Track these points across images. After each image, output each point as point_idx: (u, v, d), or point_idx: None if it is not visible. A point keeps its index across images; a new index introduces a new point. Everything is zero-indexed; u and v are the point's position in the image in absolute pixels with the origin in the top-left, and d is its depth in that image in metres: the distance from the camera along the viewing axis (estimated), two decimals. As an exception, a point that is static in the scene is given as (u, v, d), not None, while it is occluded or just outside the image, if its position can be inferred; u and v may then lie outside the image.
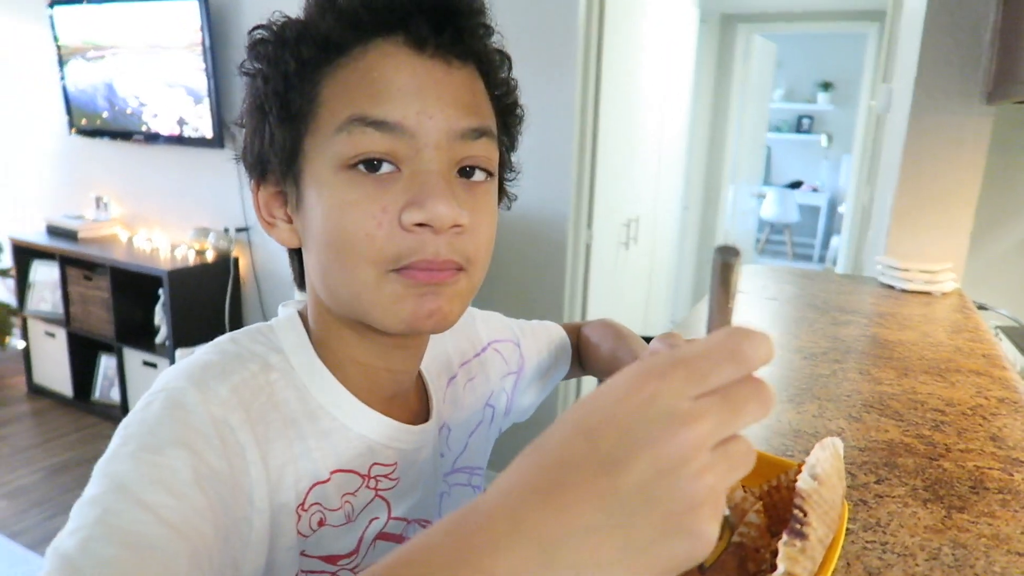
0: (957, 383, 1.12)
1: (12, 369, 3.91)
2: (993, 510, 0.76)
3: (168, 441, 0.49)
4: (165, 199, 3.45)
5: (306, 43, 0.55)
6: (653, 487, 0.29)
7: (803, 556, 0.52)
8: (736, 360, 0.32)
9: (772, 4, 4.58)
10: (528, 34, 2.46)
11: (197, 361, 0.57)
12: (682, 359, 0.31)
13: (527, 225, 2.64)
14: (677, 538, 0.30)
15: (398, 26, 0.55)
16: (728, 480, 0.31)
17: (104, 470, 0.49)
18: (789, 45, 7.17)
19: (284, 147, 0.57)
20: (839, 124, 7.28)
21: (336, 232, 0.54)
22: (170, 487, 0.47)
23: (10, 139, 3.98)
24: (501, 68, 0.63)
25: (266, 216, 0.62)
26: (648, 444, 0.30)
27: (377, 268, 0.54)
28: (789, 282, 1.82)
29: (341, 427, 0.61)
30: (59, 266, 3.34)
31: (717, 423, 0.31)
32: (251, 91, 0.59)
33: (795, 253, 7.61)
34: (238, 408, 0.54)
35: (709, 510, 0.30)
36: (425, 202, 0.53)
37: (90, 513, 0.45)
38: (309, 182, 0.56)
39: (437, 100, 0.55)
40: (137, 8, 3.10)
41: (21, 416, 3.46)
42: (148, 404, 0.53)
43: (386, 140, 0.54)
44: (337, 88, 0.55)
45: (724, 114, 4.92)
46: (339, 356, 0.62)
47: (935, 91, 1.75)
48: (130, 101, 3.28)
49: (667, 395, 0.30)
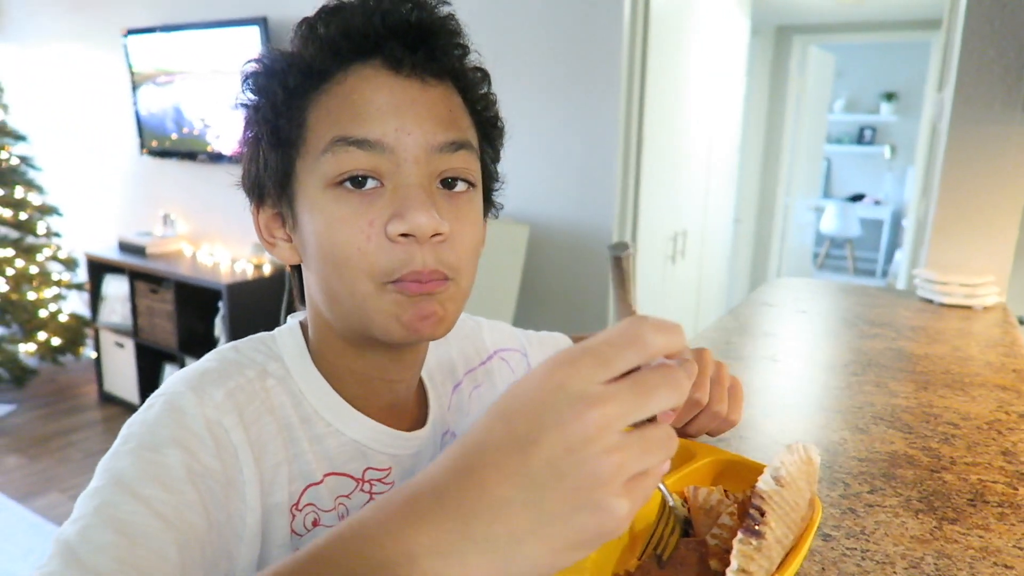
0: (978, 397, 1.10)
1: (85, 378, 4.14)
2: (988, 523, 0.75)
3: (165, 441, 0.54)
4: (227, 216, 3.61)
5: (292, 72, 0.59)
6: (561, 463, 0.32)
7: (759, 555, 0.54)
8: (637, 345, 0.34)
9: (830, 15, 4.51)
10: (572, 48, 2.50)
11: (198, 368, 0.61)
12: (589, 347, 0.34)
13: (570, 238, 2.67)
14: (585, 512, 0.32)
15: (375, 50, 0.59)
16: (642, 462, 0.33)
17: (106, 465, 0.53)
18: (851, 55, 7.01)
19: (277, 171, 0.61)
20: (903, 135, 7.06)
21: (330, 248, 0.58)
22: (164, 482, 0.52)
23: (87, 160, 4.23)
24: (480, 84, 0.66)
25: (267, 237, 0.66)
26: (557, 424, 0.32)
27: (374, 281, 0.58)
28: (823, 295, 1.80)
29: (335, 432, 0.64)
30: (128, 280, 3.53)
31: (625, 405, 0.33)
32: (246, 120, 0.63)
33: (856, 268, 7.39)
34: (232, 411, 0.58)
35: (616, 487, 0.32)
36: (406, 213, 0.56)
37: (90, 504, 0.50)
38: (302, 202, 0.60)
39: (414, 117, 0.58)
40: (203, 35, 3.28)
41: (93, 422, 3.65)
42: (149, 407, 0.57)
43: (368, 157, 0.57)
44: (321, 112, 0.59)
45: (779, 126, 4.85)
46: (336, 367, 0.66)
47: (976, 100, 1.72)
48: (196, 123, 3.46)
49: (576, 380, 0.33)
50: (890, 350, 1.33)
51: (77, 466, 3.19)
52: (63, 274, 4.12)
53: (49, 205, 4.02)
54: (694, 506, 0.65)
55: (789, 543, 0.58)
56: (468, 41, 0.64)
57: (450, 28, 0.62)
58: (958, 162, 1.76)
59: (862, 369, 1.22)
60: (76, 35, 4.03)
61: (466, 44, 0.64)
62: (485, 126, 0.67)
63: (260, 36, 3.04)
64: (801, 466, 0.59)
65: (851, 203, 7.24)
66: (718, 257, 4.04)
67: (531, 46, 2.57)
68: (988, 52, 1.70)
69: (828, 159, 7.41)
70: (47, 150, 4.28)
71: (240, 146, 0.65)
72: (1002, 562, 0.68)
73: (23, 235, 3.94)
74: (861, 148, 7.41)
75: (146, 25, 3.52)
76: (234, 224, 3.58)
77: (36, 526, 2.72)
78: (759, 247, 5.12)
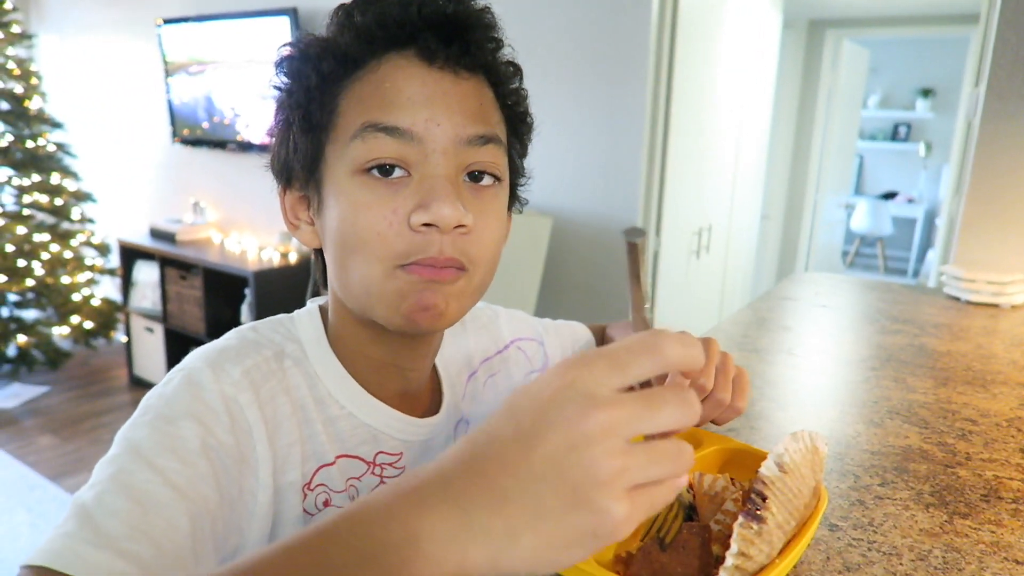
0: (999, 395, 1.08)
1: (116, 362, 4.22)
2: (1001, 519, 0.74)
3: (181, 413, 0.55)
4: (255, 204, 3.66)
5: (326, 58, 0.60)
6: (562, 459, 0.32)
7: (759, 539, 0.54)
8: (654, 354, 0.34)
9: (864, 9, 4.43)
10: (600, 40, 2.49)
11: (217, 346, 0.63)
12: (605, 352, 0.35)
13: (593, 230, 2.66)
14: (582, 512, 0.32)
15: (409, 41, 0.59)
16: (648, 472, 0.33)
17: (124, 435, 0.55)
18: (886, 50, 6.87)
19: (306, 154, 0.62)
20: (939, 132, 6.91)
21: (350, 231, 0.59)
22: (179, 454, 0.53)
23: (121, 149, 4.31)
24: (511, 79, 0.66)
25: (291, 219, 0.67)
26: (562, 421, 0.33)
27: (384, 264, 0.58)
28: (847, 291, 1.78)
29: (347, 415, 0.65)
30: (159, 266, 3.60)
31: (632, 414, 0.33)
32: (278, 103, 0.64)
33: (887, 267, 7.27)
34: (248, 389, 0.59)
35: (616, 491, 0.32)
36: (431, 204, 0.57)
37: (106, 471, 0.52)
38: (329, 186, 0.61)
39: (445, 108, 0.59)
40: (234, 25, 3.32)
41: (123, 405, 3.73)
42: (168, 381, 0.59)
43: (397, 145, 0.58)
44: (353, 99, 0.60)
45: (809, 122, 4.78)
46: (352, 351, 0.67)
47: (1009, 95, 1.68)
48: (226, 112, 3.51)
49: (588, 381, 0.33)
50: (911, 346, 1.31)
51: (107, 447, 3.18)
52: (96, 259, 4.20)
53: (84, 191, 4.11)
54: (699, 492, 0.65)
55: (791, 529, 0.58)
56: (503, 35, 0.64)
57: (485, 22, 0.62)
58: (989, 157, 1.72)
59: (881, 364, 1.20)
60: (112, 26, 4.10)
61: (500, 38, 0.64)
62: (514, 121, 0.67)
63: (290, 26, 3.07)
64: (806, 454, 0.59)
65: (883, 201, 7.11)
66: (744, 253, 4.00)
67: (558, 39, 2.56)
68: (1020, 46, 1.66)
69: (861, 156, 7.28)
70: (83, 138, 4.37)
71: (271, 129, 0.66)
72: (1013, 557, 0.67)
73: (58, 220, 4.03)
74: (895, 145, 7.28)
75: (180, 15, 3.57)
76: (262, 212, 3.63)
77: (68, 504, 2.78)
78: (787, 244, 5.06)
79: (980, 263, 1.73)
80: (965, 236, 1.77)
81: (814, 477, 0.61)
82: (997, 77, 1.69)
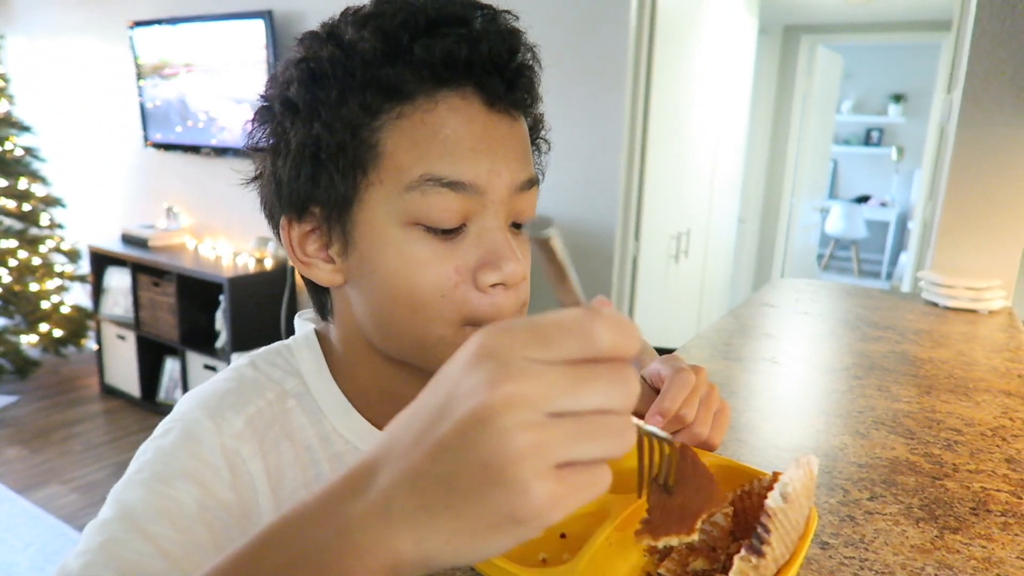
0: (983, 403, 1.08)
1: (87, 370, 4.14)
2: (991, 533, 0.74)
3: (178, 473, 0.52)
4: (230, 209, 3.60)
5: (371, 89, 0.53)
6: (471, 434, 0.29)
7: (755, 573, 0.52)
8: (583, 337, 0.31)
9: (838, 15, 4.48)
10: (578, 45, 2.48)
11: (215, 390, 0.59)
12: (532, 322, 0.31)
13: (573, 237, 2.65)
14: (497, 489, 0.29)
15: (470, 80, 0.55)
16: (575, 449, 0.30)
17: (117, 495, 0.52)
18: (859, 56, 6.97)
19: (341, 195, 0.56)
20: (911, 137, 7.02)
21: (407, 289, 0.55)
22: (174, 519, 0.50)
23: (92, 153, 4.23)
24: (538, 107, 0.64)
25: (299, 255, 0.61)
26: (472, 391, 0.30)
27: (453, 326, 0.56)
28: (826, 297, 1.78)
29: (354, 450, 0.62)
30: (131, 273, 3.53)
31: (552, 389, 0.30)
32: (299, 130, 0.56)
33: (862, 270, 7.36)
34: (251, 439, 0.56)
35: (533, 468, 0.29)
36: (500, 263, 0.55)
37: (97, 538, 0.49)
38: (365, 231, 0.56)
39: (504, 157, 0.56)
40: (208, 28, 3.27)
41: (94, 415, 3.65)
42: (165, 432, 0.56)
43: (460, 201, 0.54)
44: (403, 140, 0.54)
45: (785, 126, 4.83)
46: (366, 385, 0.64)
47: (985, 101, 1.69)
48: (200, 116, 3.46)
49: (504, 351, 0.30)
50: (893, 353, 1.31)
51: (78, 458, 3.19)
52: (66, 266, 4.12)
53: (53, 196, 4.02)
54: None
55: (783, 562, 0.56)
56: (539, 63, 0.61)
57: (533, 55, 0.60)
58: (965, 164, 1.73)
59: (864, 372, 1.20)
60: (83, 27, 4.02)
61: (538, 70, 0.61)
62: (534, 148, 0.65)
63: (265, 29, 3.03)
64: (806, 481, 0.58)
65: (857, 204, 7.21)
66: (722, 257, 4.03)
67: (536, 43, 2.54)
68: (998, 53, 1.68)
69: (835, 160, 7.37)
70: (52, 141, 4.28)
71: (265, 143, 0.59)
72: (1005, 574, 0.67)
73: (27, 226, 3.94)
74: (868, 149, 7.38)
75: (152, 17, 3.51)
76: (237, 218, 3.58)
77: (36, 518, 2.72)
78: (763, 247, 5.10)
79: (958, 269, 1.74)
80: (942, 241, 1.78)
81: (808, 504, 0.60)
82: (973, 84, 1.71)
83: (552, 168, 0.70)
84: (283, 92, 0.57)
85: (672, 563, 0.58)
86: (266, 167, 0.60)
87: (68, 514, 2.75)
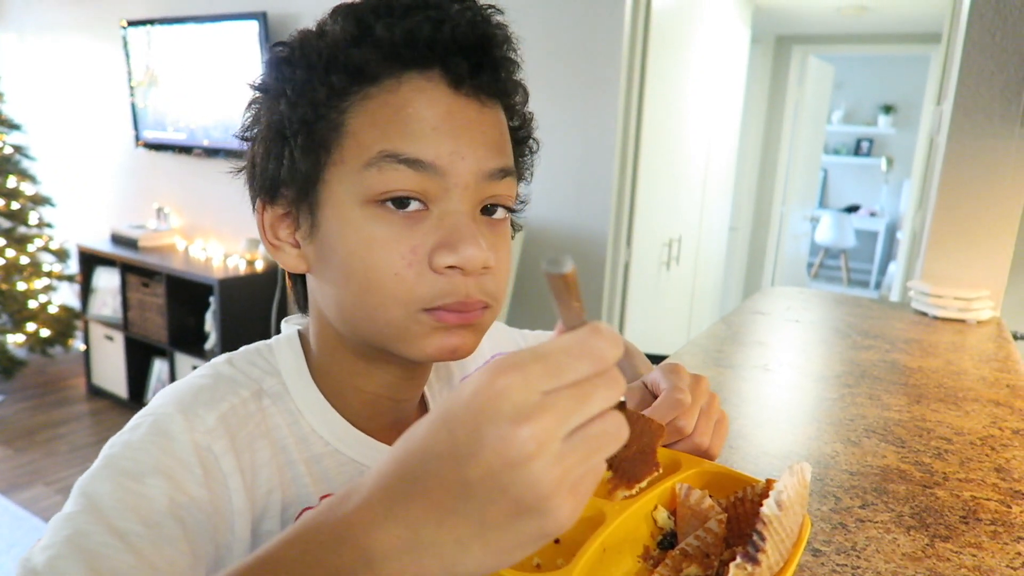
0: (972, 412, 1.09)
1: (74, 370, 4.11)
2: (981, 541, 0.74)
3: (149, 469, 0.51)
4: (221, 211, 3.59)
5: (336, 70, 0.54)
6: (501, 477, 0.31)
7: (749, 582, 0.53)
8: (594, 359, 0.33)
9: (830, 26, 4.51)
10: (572, 53, 2.49)
11: (190, 386, 0.58)
12: (541, 354, 0.32)
13: (565, 242, 2.66)
14: (529, 518, 0.32)
15: (435, 62, 0.54)
16: (588, 463, 0.33)
17: (84, 489, 0.50)
18: (850, 67, 7.03)
19: (304, 174, 0.56)
20: (901, 148, 7.08)
21: (362, 269, 0.54)
22: (143, 515, 0.48)
23: (82, 152, 4.20)
24: (521, 102, 0.63)
25: (271, 238, 0.61)
26: (496, 439, 0.31)
27: (406, 308, 0.55)
28: (817, 305, 1.79)
29: (333, 452, 0.61)
30: (120, 273, 3.51)
31: (564, 415, 0.32)
32: (268, 110, 0.58)
33: (851, 279, 7.41)
34: (223, 436, 0.55)
35: (562, 496, 0.32)
36: (457, 245, 0.53)
37: (63, 531, 0.47)
38: (329, 213, 0.56)
39: (469, 141, 0.55)
40: (201, 29, 3.26)
41: (80, 416, 3.62)
42: (135, 427, 0.54)
43: (418, 178, 0.53)
44: (366, 120, 0.54)
45: (776, 135, 4.86)
46: (341, 384, 0.63)
47: (975, 113, 1.71)
48: (192, 116, 3.44)
49: (518, 389, 0.31)
50: (883, 362, 1.32)
51: (63, 459, 3.16)
52: (54, 265, 4.09)
53: (42, 195, 4.00)
54: (684, 505, 0.63)
55: (778, 569, 0.57)
56: (519, 56, 0.61)
57: (509, 45, 0.59)
58: (955, 175, 1.75)
59: (855, 381, 1.21)
60: (75, 26, 4.00)
61: (519, 61, 0.61)
62: (519, 144, 0.64)
63: (259, 31, 3.02)
64: (799, 489, 0.58)
65: (847, 214, 7.26)
66: (713, 264, 4.04)
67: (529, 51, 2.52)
68: (988, 65, 1.69)
69: (825, 169, 7.43)
70: (42, 140, 4.26)
71: (248, 133, 0.60)
72: (994, 582, 0.67)
73: (15, 225, 3.91)
74: (858, 159, 7.43)
75: (145, 17, 3.50)
76: (228, 219, 3.56)
77: (20, 519, 2.69)
78: (754, 255, 5.12)
79: (947, 279, 1.75)
80: (932, 252, 1.79)
81: (802, 511, 0.60)
82: (963, 96, 1.72)
83: (545, 174, 0.70)
84: (260, 77, 0.59)
85: (666, 569, 0.58)
86: (247, 154, 0.61)
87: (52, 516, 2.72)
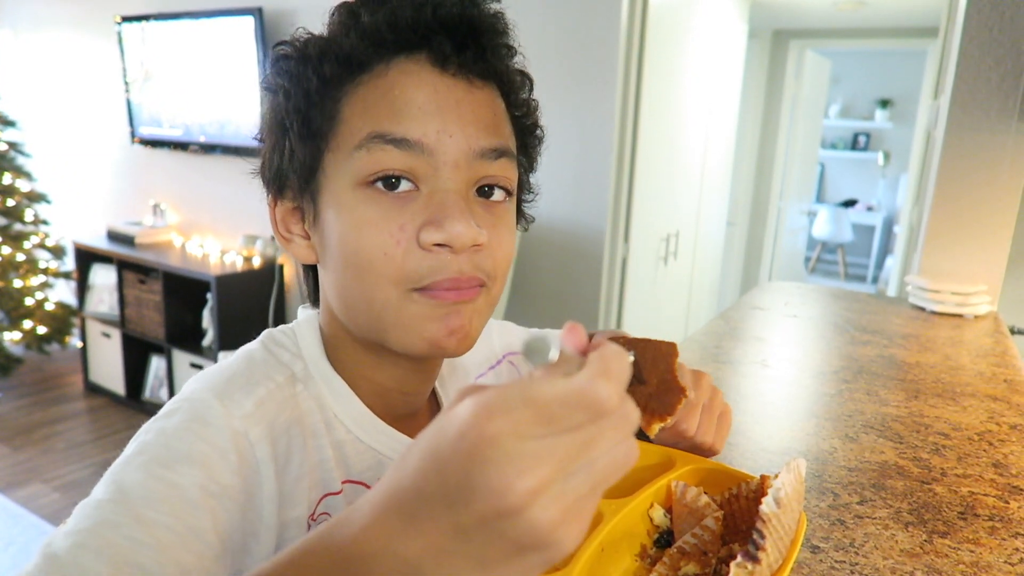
0: (969, 408, 1.09)
1: (71, 368, 4.10)
2: (979, 537, 0.74)
3: (181, 456, 0.50)
4: (218, 207, 3.58)
5: (328, 60, 0.55)
6: (497, 524, 0.30)
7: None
8: (592, 409, 0.31)
9: (827, 20, 4.50)
10: (569, 48, 2.48)
11: (225, 371, 0.58)
12: (533, 398, 0.30)
13: (562, 238, 2.65)
14: (533, 552, 0.31)
15: (420, 44, 0.55)
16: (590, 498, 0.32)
17: (115, 476, 0.50)
18: (846, 61, 7.02)
19: (303, 163, 0.57)
20: (897, 142, 7.08)
21: (354, 250, 0.55)
22: (173, 505, 0.48)
23: (78, 148, 4.19)
24: (522, 89, 0.63)
25: (283, 231, 0.62)
26: (487, 491, 0.29)
27: (398, 287, 0.54)
28: (815, 300, 1.79)
29: (354, 439, 0.61)
30: (117, 270, 3.49)
31: (564, 463, 0.30)
32: (272, 106, 0.59)
33: (848, 273, 7.41)
34: (261, 422, 0.55)
35: (565, 528, 0.30)
36: (443, 222, 0.53)
37: (90, 518, 0.47)
38: (327, 199, 0.57)
39: (457, 119, 0.55)
40: (197, 24, 3.25)
41: (77, 413, 3.62)
42: (170, 413, 0.54)
43: (405, 157, 0.54)
44: (357, 106, 0.55)
45: (773, 130, 4.85)
46: (352, 374, 0.63)
47: (972, 108, 1.71)
48: (189, 113, 3.43)
49: (508, 439, 0.29)
50: (881, 357, 1.32)
51: (60, 456, 3.16)
52: (50, 262, 4.07)
53: (38, 192, 3.98)
54: (680, 503, 0.63)
55: (777, 567, 0.57)
56: (516, 42, 0.61)
57: (500, 27, 0.59)
58: (953, 169, 1.75)
59: (853, 376, 1.21)
60: (70, 22, 3.98)
61: (514, 45, 0.61)
62: (524, 134, 0.64)
63: (255, 26, 3.01)
64: (796, 485, 0.58)
65: (844, 208, 7.26)
66: (710, 259, 4.04)
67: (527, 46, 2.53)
68: (986, 60, 1.69)
69: (822, 164, 7.42)
70: (38, 137, 4.24)
71: (261, 132, 0.61)
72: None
73: (10, 222, 3.90)
74: (855, 154, 7.43)
75: (141, 13, 3.48)
76: (224, 215, 3.55)
77: (17, 516, 2.68)
78: (751, 250, 5.12)
79: (944, 274, 1.75)
80: (929, 246, 1.79)
81: (799, 508, 0.60)
82: (960, 90, 1.72)
83: (542, 169, 0.70)
84: (265, 76, 0.60)
85: (664, 567, 0.58)
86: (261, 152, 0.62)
87: (50, 513, 2.72)
